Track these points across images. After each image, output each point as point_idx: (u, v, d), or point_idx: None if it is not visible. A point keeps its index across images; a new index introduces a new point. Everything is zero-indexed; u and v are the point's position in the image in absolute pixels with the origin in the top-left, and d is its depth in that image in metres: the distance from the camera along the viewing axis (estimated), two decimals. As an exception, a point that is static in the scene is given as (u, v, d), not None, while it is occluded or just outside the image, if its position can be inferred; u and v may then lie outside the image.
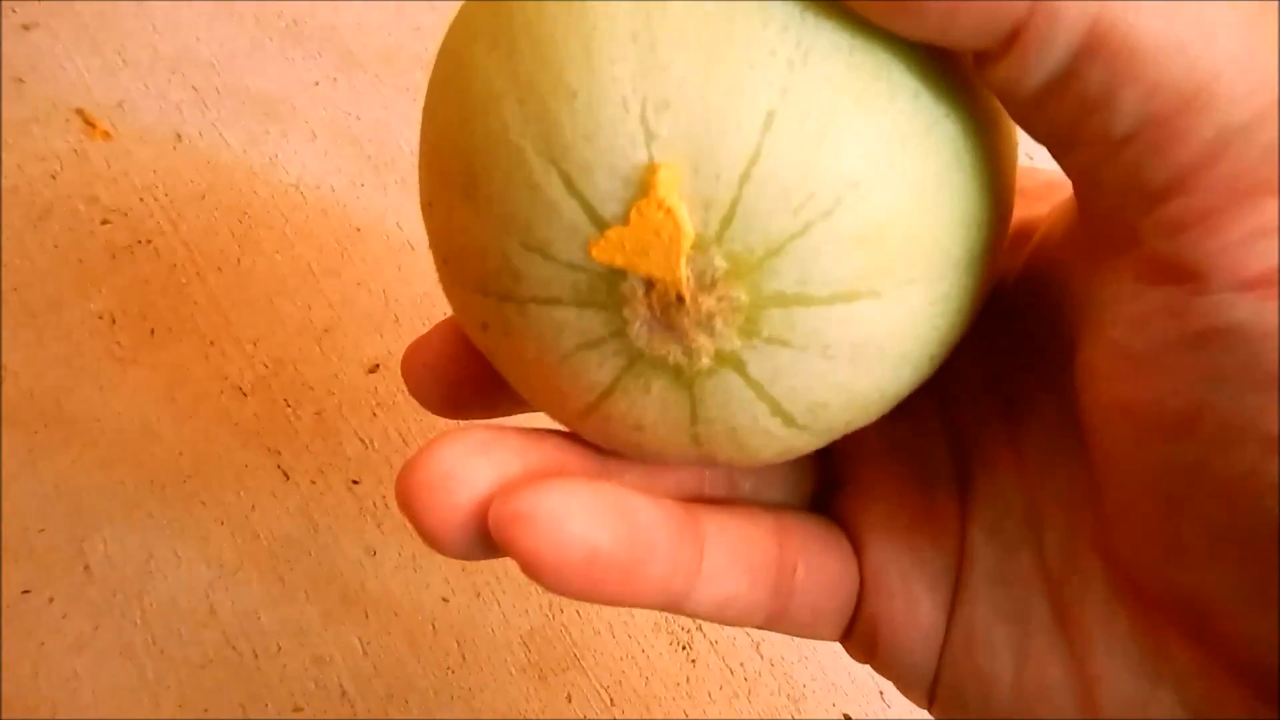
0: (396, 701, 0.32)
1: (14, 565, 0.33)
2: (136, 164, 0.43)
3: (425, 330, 0.20)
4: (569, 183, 0.14)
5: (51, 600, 0.33)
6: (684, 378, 0.15)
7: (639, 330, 0.14)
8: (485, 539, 0.15)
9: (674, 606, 0.17)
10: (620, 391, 0.15)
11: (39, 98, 0.44)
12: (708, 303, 0.14)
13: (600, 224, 0.14)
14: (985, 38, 0.13)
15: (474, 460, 0.16)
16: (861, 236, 0.13)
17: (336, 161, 0.43)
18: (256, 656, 0.32)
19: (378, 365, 0.38)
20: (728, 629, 0.33)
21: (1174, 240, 0.13)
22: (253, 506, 0.35)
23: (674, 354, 0.14)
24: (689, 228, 0.13)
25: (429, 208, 0.16)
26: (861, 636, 0.19)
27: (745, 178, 0.13)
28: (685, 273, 0.13)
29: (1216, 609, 0.14)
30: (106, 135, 0.43)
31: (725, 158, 0.13)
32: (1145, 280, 0.14)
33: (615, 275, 0.14)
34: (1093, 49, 0.12)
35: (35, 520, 0.34)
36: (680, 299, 0.14)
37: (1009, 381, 0.19)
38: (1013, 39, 0.13)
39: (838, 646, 0.20)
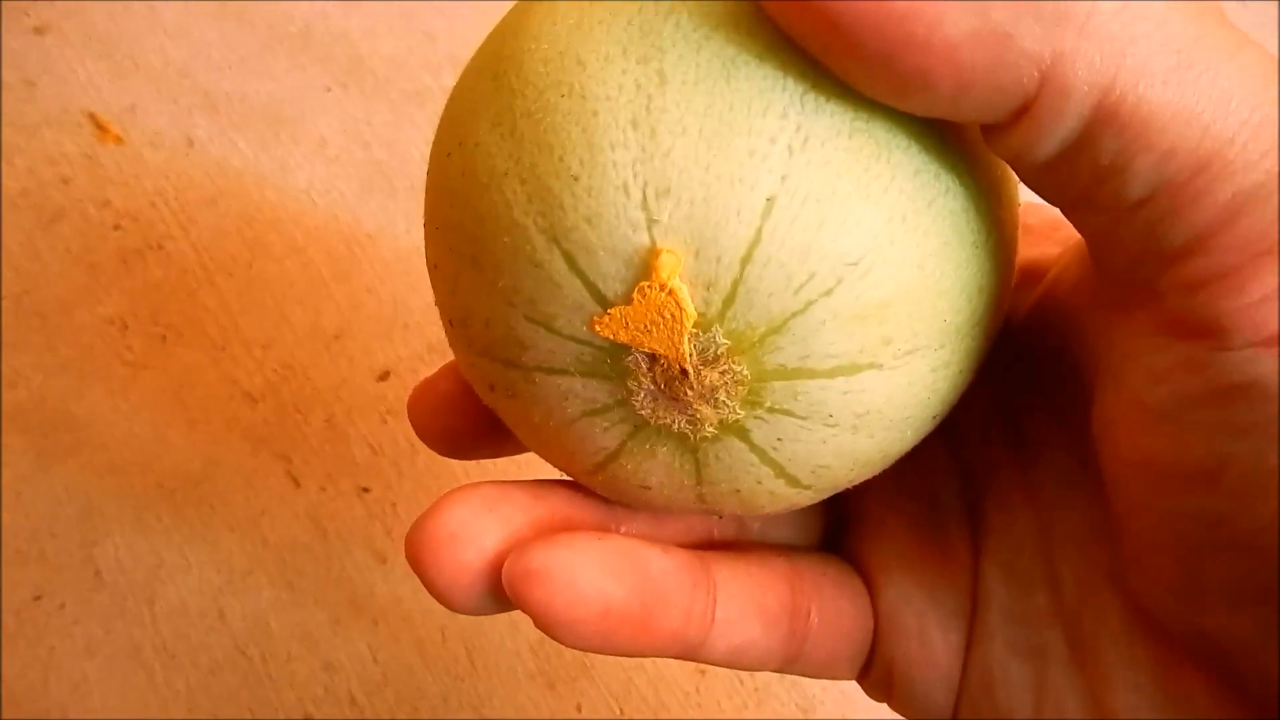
0: (405, 708, 0.32)
1: (25, 570, 0.33)
2: (148, 169, 0.43)
3: (434, 336, 0.20)
4: (571, 262, 0.14)
5: (62, 605, 0.33)
6: (689, 444, 0.15)
7: (643, 400, 0.15)
8: (496, 595, 0.16)
9: (688, 655, 0.17)
10: (626, 455, 0.15)
11: (51, 101, 0.44)
12: (711, 376, 0.14)
13: (603, 302, 0.14)
14: (995, 112, 0.13)
15: (481, 518, 0.16)
16: (862, 313, 0.14)
17: (347, 167, 0.43)
18: (266, 662, 0.32)
19: (388, 372, 0.38)
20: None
21: (1193, 298, 0.13)
22: (262, 512, 0.35)
23: (678, 423, 0.15)
24: (691, 308, 0.13)
25: (435, 269, 0.16)
26: (878, 676, 0.19)
27: (746, 260, 0.13)
28: (688, 349, 0.14)
29: (1236, 651, 0.14)
30: (118, 140, 0.43)
31: (726, 242, 0.13)
32: (1164, 335, 0.14)
33: (619, 348, 0.14)
34: (1104, 120, 0.12)
35: (46, 525, 0.34)
36: (684, 373, 0.14)
37: (1018, 419, 0.19)
38: (1023, 112, 0.13)
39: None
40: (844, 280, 0.13)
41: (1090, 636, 0.17)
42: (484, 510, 0.16)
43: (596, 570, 0.15)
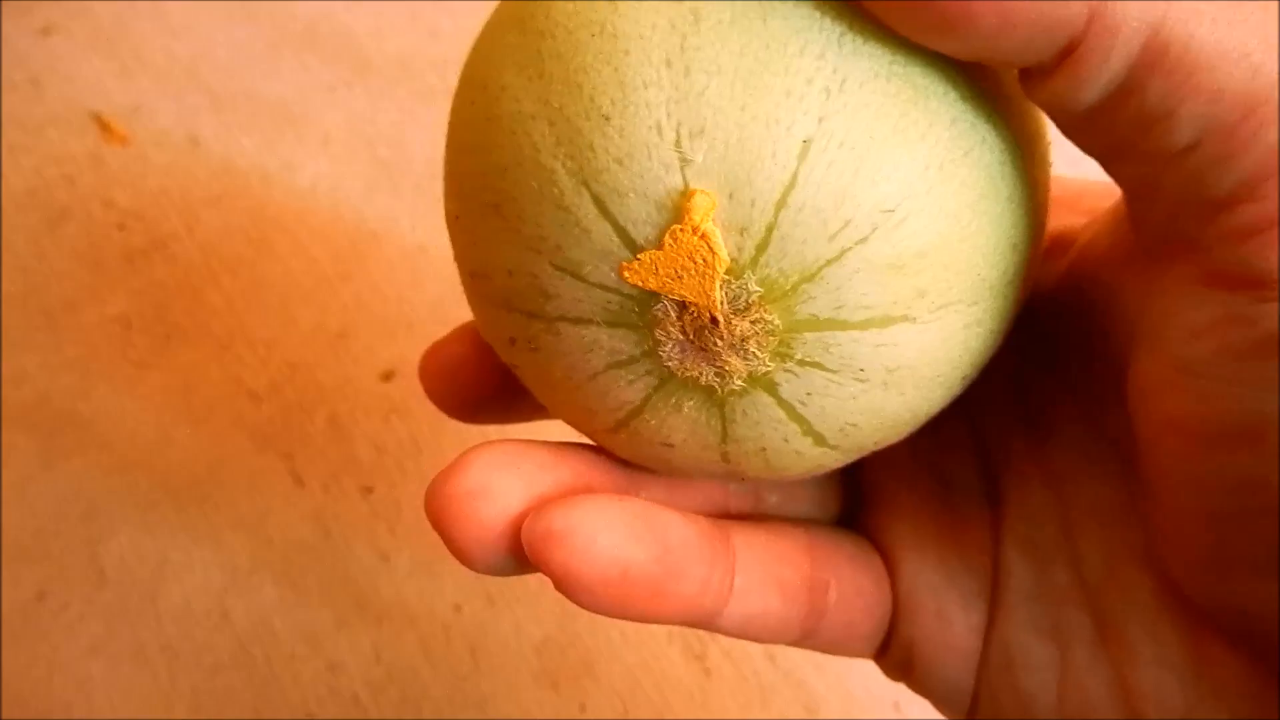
0: (409, 708, 0.32)
1: (29, 569, 0.33)
2: (153, 168, 0.43)
3: (439, 335, 0.20)
4: (601, 206, 0.13)
5: (66, 604, 0.33)
6: (716, 398, 0.15)
7: (671, 351, 0.14)
8: (516, 555, 0.15)
9: (705, 624, 0.17)
10: (650, 410, 0.15)
11: (56, 101, 0.45)
12: (741, 326, 0.14)
13: (633, 247, 0.13)
14: (1039, 54, 0.13)
15: (504, 475, 0.16)
16: (897, 263, 0.13)
17: (351, 166, 0.43)
18: (270, 662, 0.32)
19: (392, 371, 0.38)
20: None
21: (1239, 248, 0.13)
22: (266, 512, 0.35)
23: (706, 375, 0.14)
24: (724, 253, 0.13)
25: (455, 221, 0.16)
26: (897, 656, 0.19)
27: (781, 204, 0.13)
28: (719, 296, 0.13)
29: (1269, 624, 0.14)
30: (123, 139, 0.43)
31: (761, 185, 0.13)
32: (1206, 288, 0.13)
33: (647, 297, 0.14)
34: (1151, 61, 0.12)
35: (50, 524, 0.34)
36: (714, 322, 0.14)
37: (1037, 395, 0.18)
38: (1067, 53, 0.12)
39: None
40: (879, 228, 0.13)
41: (1115, 614, 0.16)
42: (506, 467, 0.16)
43: (617, 532, 0.15)
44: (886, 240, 0.13)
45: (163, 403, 0.37)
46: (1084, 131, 0.14)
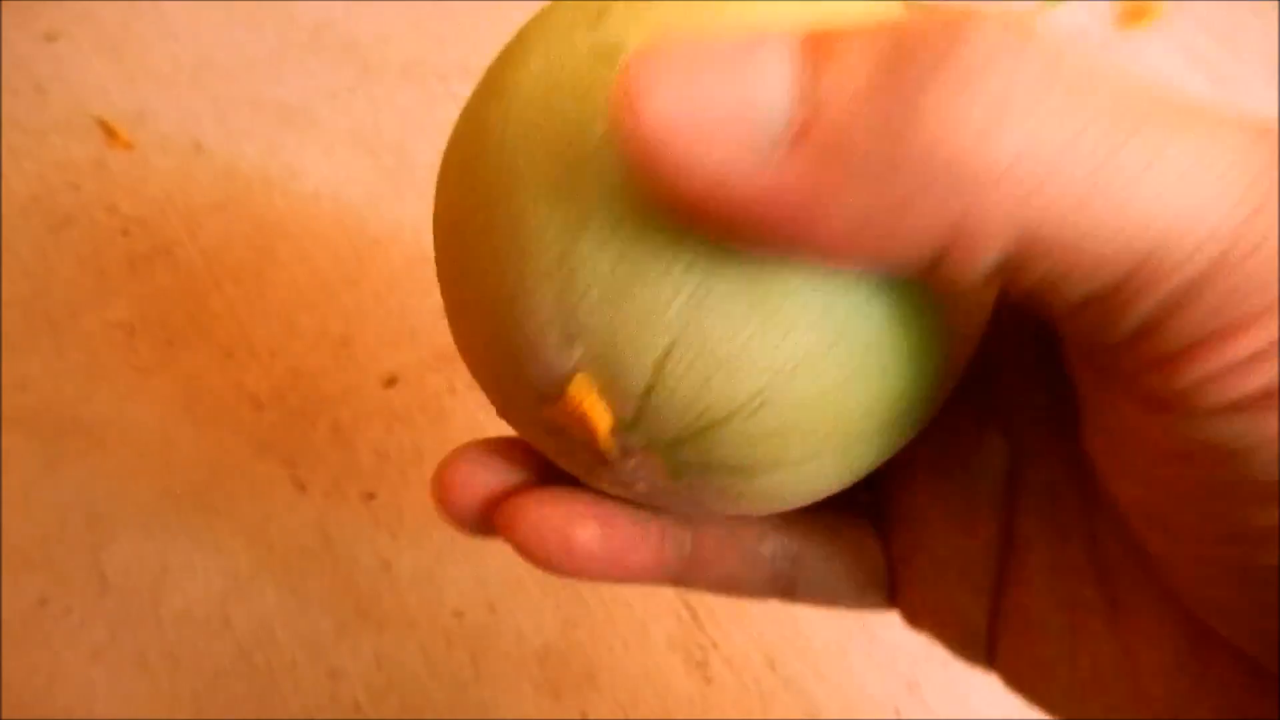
0: (410, 715, 0.32)
1: (31, 574, 0.34)
2: (156, 173, 0.43)
3: (442, 342, 0.21)
4: (517, 365, 0.15)
5: (68, 609, 0.33)
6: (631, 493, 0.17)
7: (587, 464, 0.17)
8: (490, 526, 0.19)
9: (676, 584, 0.20)
10: (592, 480, 0.18)
11: (60, 107, 0.45)
12: (632, 463, 0.16)
13: (541, 399, 0.15)
14: (904, 272, 0.13)
15: (486, 465, 0.19)
16: (759, 437, 0.15)
17: (355, 172, 0.43)
18: (271, 668, 0.32)
19: (394, 378, 0.38)
20: (741, 643, 0.33)
21: (1150, 376, 0.13)
22: (268, 518, 0.35)
23: (615, 486, 0.17)
24: (603, 422, 0.15)
25: (442, 295, 0.18)
26: (905, 610, 0.20)
27: (647, 394, 0.15)
28: (607, 445, 0.15)
29: (1263, 642, 0.15)
30: (127, 145, 0.43)
31: (629, 380, 0.15)
32: (1132, 401, 0.14)
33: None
34: (1024, 252, 0.12)
35: (52, 529, 0.34)
36: (606, 462, 0.16)
37: (1059, 379, 0.19)
38: (939, 260, 0.12)
39: (853, 663, 0.20)
40: (736, 415, 0.15)
41: (1126, 596, 0.17)
42: (489, 459, 0.19)
43: (561, 518, 0.18)
44: (742, 426, 0.15)
45: (165, 408, 0.37)
46: (981, 297, 0.15)
